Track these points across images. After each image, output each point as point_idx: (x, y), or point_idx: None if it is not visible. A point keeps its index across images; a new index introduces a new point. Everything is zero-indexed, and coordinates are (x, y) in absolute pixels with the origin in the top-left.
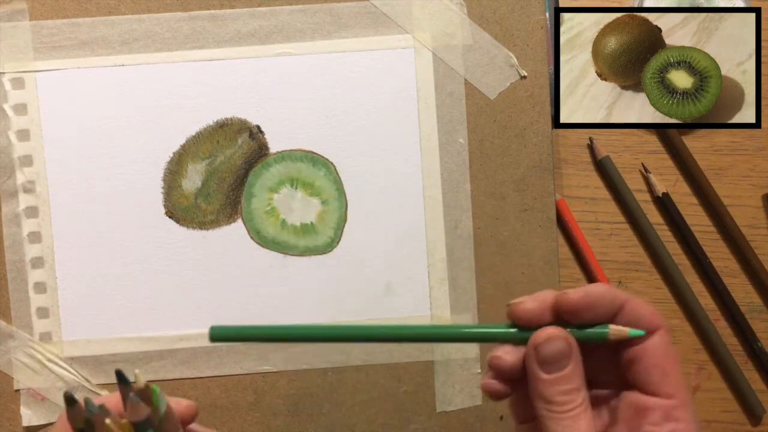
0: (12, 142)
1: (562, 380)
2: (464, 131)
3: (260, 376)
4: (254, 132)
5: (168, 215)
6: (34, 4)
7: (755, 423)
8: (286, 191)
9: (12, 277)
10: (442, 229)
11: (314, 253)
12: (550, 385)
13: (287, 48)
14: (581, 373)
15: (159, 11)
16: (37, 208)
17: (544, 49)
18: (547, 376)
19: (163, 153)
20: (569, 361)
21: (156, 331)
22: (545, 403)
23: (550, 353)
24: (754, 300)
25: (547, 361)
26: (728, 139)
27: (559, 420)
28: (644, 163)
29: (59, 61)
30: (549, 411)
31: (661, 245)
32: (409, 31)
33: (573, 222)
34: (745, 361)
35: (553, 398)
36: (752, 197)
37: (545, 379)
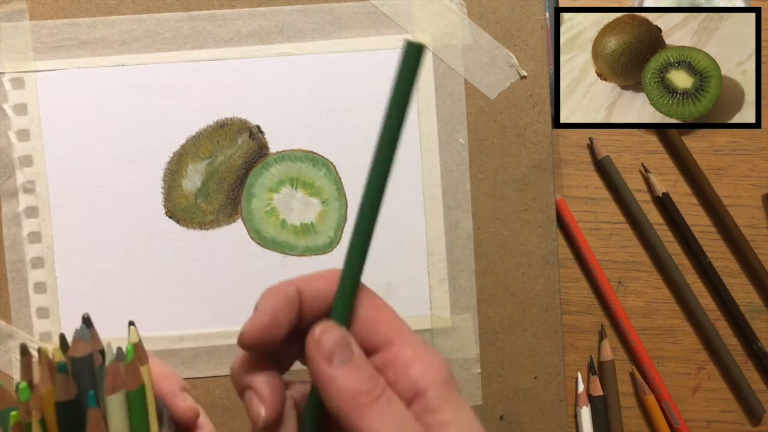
0: (12, 142)
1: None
2: (464, 131)
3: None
4: (254, 132)
5: (168, 215)
6: (34, 4)
7: (755, 423)
8: (286, 191)
9: (12, 277)
10: (442, 229)
11: (314, 253)
12: (346, 378)
13: (287, 48)
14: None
15: (159, 11)
16: (37, 208)
17: (544, 49)
18: (340, 370)
19: (163, 153)
20: (351, 346)
21: (156, 331)
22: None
23: (333, 342)
24: (754, 300)
25: (334, 353)
26: (728, 139)
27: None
28: (644, 163)
29: (59, 61)
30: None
31: (661, 245)
32: (409, 31)
33: (573, 222)
34: (745, 361)
35: (357, 389)
36: (752, 197)
37: (340, 375)
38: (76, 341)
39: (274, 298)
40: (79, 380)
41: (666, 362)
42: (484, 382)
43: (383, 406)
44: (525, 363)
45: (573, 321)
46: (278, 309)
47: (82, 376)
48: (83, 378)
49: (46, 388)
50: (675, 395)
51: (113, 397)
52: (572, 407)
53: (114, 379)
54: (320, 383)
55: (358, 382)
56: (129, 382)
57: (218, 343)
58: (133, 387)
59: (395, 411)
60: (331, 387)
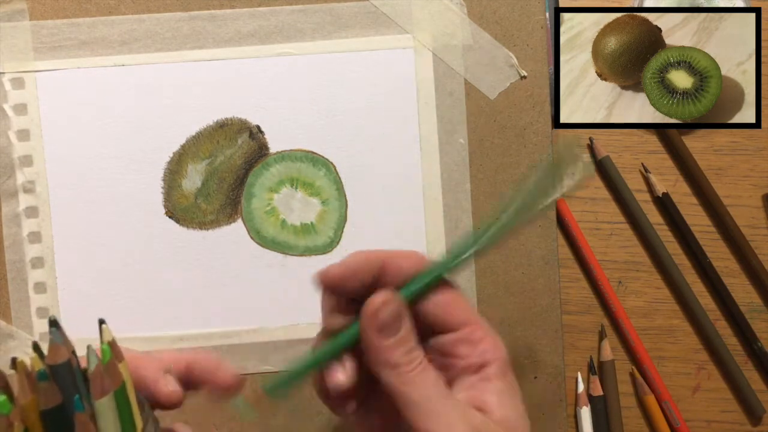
0: (12, 142)
1: (402, 341)
2: (464, 131)
3: (260, 376)
4: (254, 132)
5: (168, 215)
6: (34, 4)
7: (755, 423)
8: (286, 191)
9: (12, 277)
10: (442, 229)
11: (314, 253)
12: (392, 350)
13: (287, 48)
14: (413, 330)
15: (159, 11)
16: (37, 208)
17: (544, 49)
18: (388, 342)
19: (163, 153)
20: (402, 321)
21: (156, 331)
22: (391, 369)
23: (386, 317)
24: (754, 300)
25: (385, 326)
26: (728, 139)
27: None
28: (644, 163)
29: (59, 61)
30: (397, 375)
31: (661, 245)
32: (409, 31)
33: (573, 222)
34: (745, 361)
35: (398, 360)
36: (752, 197)
37: (386, 346)
38: (53, 347)
39: (356, 257)
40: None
41: (666, 362)
42: None
43: (418, 378)
44: (525, 363)
45: (573, 321)
46: (357, 266)
47: (64, 382)
48: (65, 383)
49: (26, 398)
50: (675, 395)
51: (102, 400)
52: (572, 407)
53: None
54: (368, 349)
55: (399, 355)
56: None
57: (218, 343)
58: (116, 386)
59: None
60: (377, 355)
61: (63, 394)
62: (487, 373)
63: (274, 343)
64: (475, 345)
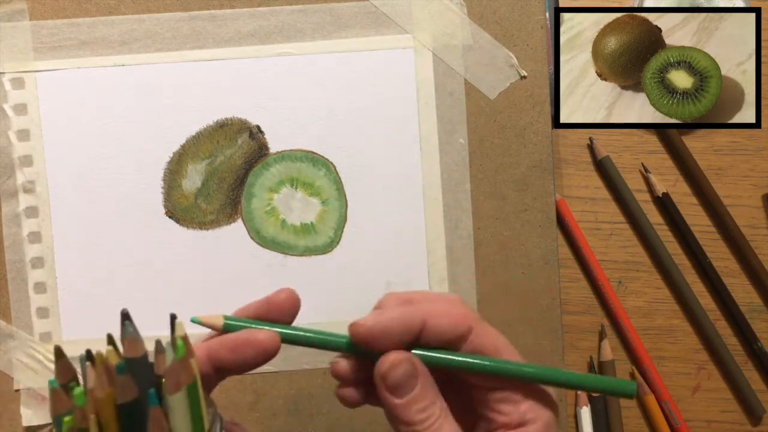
0: (12, 142)
1: (415, 401)
2: (464, 131)
3: (260, 376)
4: (254, 132)
5: (168, 215)
6: (34, 4)
7: (755, 423)
8: (286, 191)
9: (12, 277)
10: (442, 229)
11: (314, 253)
12: (406, 408)
13: (287, 48)
14: (431, 385)
15: (159, 11)
16: (37, 208)
17: (544, 49)
18: (400, 401)
19: (163, 153)
20: (417, 380)
21: (156, 331)
22: (406, 426)
23: (397, 379)
24: (754, 300)
25: (397, 387)
26: (728, 139)
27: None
28: (644, 163)
29: (59, 61)
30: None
31: (661, 245)
32: (409, 31)
33: (573, 222)
34: (745, 361)
35: (412, 419)
36: (752, 197)
37: (399, 404)
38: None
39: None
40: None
41: (666, 362)
42: None
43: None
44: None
45: (573, 321)
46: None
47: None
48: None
49: (104, 391)
50: (675, 395)
51: (177, 395)
52: (572, 407)
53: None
54: (384, 404)
55: (413, 413)
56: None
57: None
58: (188, 381)
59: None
60: (391, 411)
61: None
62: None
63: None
64: (518, 404)
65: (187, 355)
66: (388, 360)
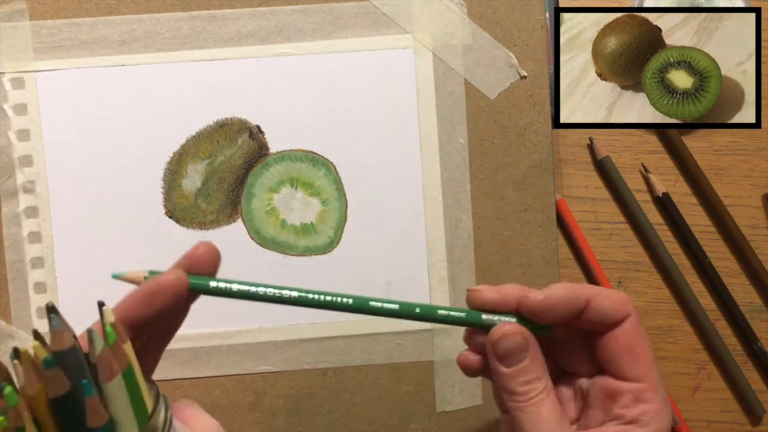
0: (12, 142)
1: (521, 372)
2: (464, 131)
3: (260, 376)
4: (254, 132)
5: (168, 215)
6: (34, 4)
7: (755, 423)
8: (286, 191)
9: (12, 277)
10: (442, 229)
11: (314, 253)
12: (511, 378)
13: (287, 48)
14: (540, 362)
15: (159, 11)
16: (37, 208)
17: (544, 49)
18: (507, 370)
19: (163, 153)
20: (526, 353)
21: None
22: (509, 395)
23: (507, 348)
24: (754, 300)
25: (506, 356)
26: (728, 139)
27: (523, 408)
28: (644, 163)
29: (59, 61)
30: (513, 401)
31: (661, 245)
32: (409, 31)
33: (573, 222)
34: (745, 361)
35: (515, 389)
36: (752, 197)
37: (505, 373)
38: (57, 333)
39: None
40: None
41: (666, 362)
42: (484, 382)
43: (532, 405)
44: None
45: None
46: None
47: (70, 368)
48: (71, 369)
49: (34, 388)
50: (675, 395)
51: (112, 382)
52: None
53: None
54: (492, 372)
55: (517, 384)
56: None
57: (218, 343)
58: (123, 367)
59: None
60: (497, 379)
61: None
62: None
63: (273, 343)
64: (639, 403)
65: (118, 341)
66: (501, 330)
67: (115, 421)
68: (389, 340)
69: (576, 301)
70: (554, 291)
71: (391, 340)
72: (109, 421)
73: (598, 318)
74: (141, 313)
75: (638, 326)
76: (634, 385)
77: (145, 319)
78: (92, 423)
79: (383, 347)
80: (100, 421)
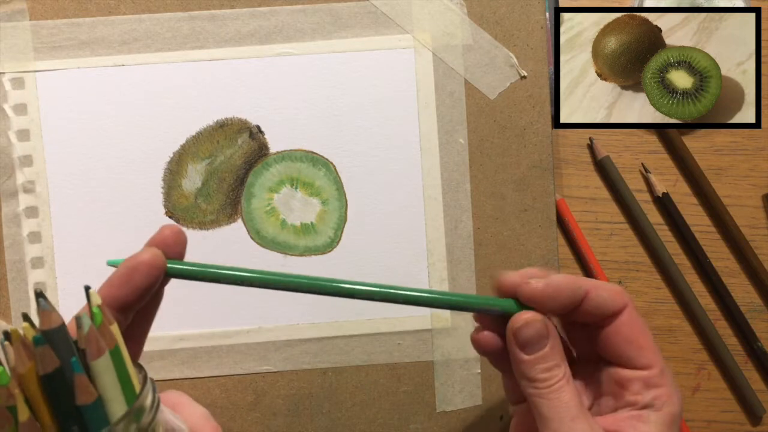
0: (12, 142)
1: (541, 359)
2: (464, 131)
3: (260, 376)
4: (254, 132)
5: (168, 215)
6: (34, 4)
7: (755, 423)
8: (286, 191)
9: (12, 277)
10: (442, 229)
11: (314, 253)
12: (532, 365)
13: (287, 48)
14: (560, 350)
15: (159, 11)
16: (37, 208)
17: (544, 49)
18: (528, 357)
19: (163, 153)
20: (547, 341)
21: (156, 331)
22: (529, 382)
23: (528, 336)
24: (754, 300)
25: (527, 344)
26: (728, 139)
27: (544, 395)
28: (644, 163)
29: (59, 61)
30: (534, 388)
31: (661, 245)
32: (409, 31)
33: (573, 222)
34: (745, 361)
35: (535, 376)
36: (752, 197)
37: (526, 360)
38: (45, 313)
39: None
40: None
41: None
42: (484, 382)
43: (553, 392)
44: None
45: None
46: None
47: (59, 347)
48: (61, 348)
49: (25, 366)
50: None
51: (100, 360)
52: None
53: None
54: (511, 357)
55: (538, 371)
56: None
57: (218, 343)
58: (110, 347)
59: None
60: (517, 366)
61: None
62: (647, 415)
63: (273, 343)
64: (650, 389)
65: (105, 322)
66: (522, 318)
67: (104, 399)
68: (389, 340)
69: (577, 290)
70: (555, 279)
71: (390, 340)
72: (98, 398)
73: (597, 309)
74: (122, 291)
75: (637, 315)
76: (643, 373)
77: (126, 297)
78: (81, 400)
79: (383, 347)
80: (89, 398)
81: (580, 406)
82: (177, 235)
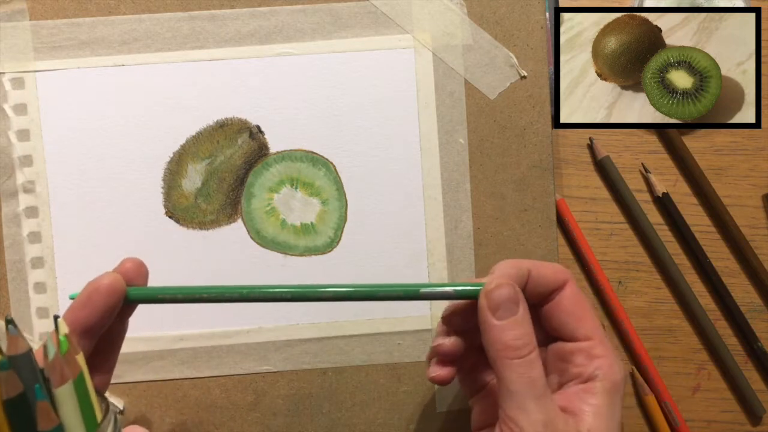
0: (12, 142)
1: (514, 324)
2: (464, 131)
3: (260, 376)
4: (254, 132)
5: (168, 215)
6: (34, 4)
7: (755, 423)
8: (286, 191)
9: (12, 277)
10: (442, 229)
11: (314, 253)
12: (503, 330)
13: (287, 48)
14: (529, 323)
15: (159, 11)
16: (37, 208)
17: (544, 49)
18: (500, 322)
19: (163, 153)
20: (518, 307)
21: (156, 331)
22: (500, 349)
23: (500, 298)
24: (754, 300)
25: (499, 307)
26: (728, 139)
27: (515, 366)
28: (644, 163)
29: (59, 61)
30: (504, 357)
31: (661, 245)
32: (409, 31)
33: (573, 222)
34: (745, 361)
35: (507, 342)
36: (752, 197)
37: (498, 325)
38: (11, 339)
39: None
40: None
41: (666, 362)
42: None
43: (524, 365)
44: None
45: None
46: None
47: (24, 373)
48: (25, 374)
49: None
50: (675, 395)
51: (63, 388)
52: None
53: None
54: (482, 328)
55: (511, 337)
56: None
57: (218, 343)
58: (74, 375)
59: (533, 372)
60: (489, 334)
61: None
62: (593, 386)
63: (273, 343)
64: (592, 359)
65: (71, 351)
66: (494, 280)
67: (65, 426)
68: (389, 340)
69: (520, 272)
70: (500, 266)
71: (390, 340)
72: (59, 425)
73: (540, 287)
74: (83, 313)
75: (577, 290)
76: (585, 344)
77: (87, 318)
78: (43, 426)
79: (383, 347)
80: (50, 424)
81: (546, 387)
82: (139, 267)
